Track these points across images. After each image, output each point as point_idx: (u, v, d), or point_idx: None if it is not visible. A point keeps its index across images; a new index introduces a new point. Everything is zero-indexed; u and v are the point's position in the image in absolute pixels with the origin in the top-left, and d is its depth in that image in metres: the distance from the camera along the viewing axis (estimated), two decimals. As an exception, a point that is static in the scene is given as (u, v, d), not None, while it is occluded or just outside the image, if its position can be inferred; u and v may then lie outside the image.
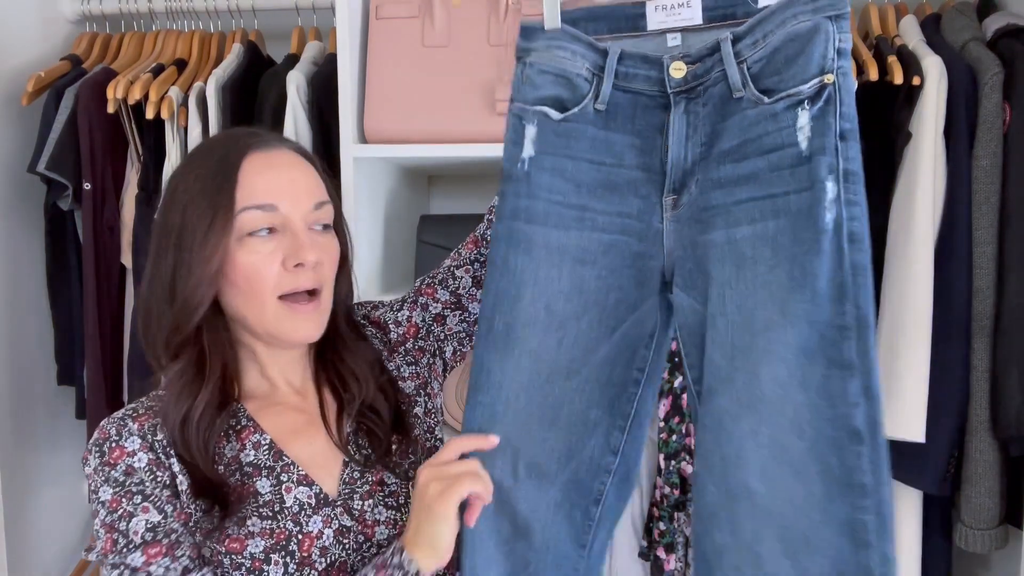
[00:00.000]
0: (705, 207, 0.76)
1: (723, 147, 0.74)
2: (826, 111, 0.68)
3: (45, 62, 1.69)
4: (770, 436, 0.67)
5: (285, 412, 0.91)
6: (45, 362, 1.75)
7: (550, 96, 0.79)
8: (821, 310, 0.66)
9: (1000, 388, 1.32)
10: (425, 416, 0.98)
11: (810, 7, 0.69)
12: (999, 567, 1.48)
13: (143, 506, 0.80)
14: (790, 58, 0.69)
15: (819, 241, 0.66)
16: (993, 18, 1.43)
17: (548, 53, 0.78)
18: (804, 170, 0.68)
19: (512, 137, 0.81)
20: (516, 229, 0.80)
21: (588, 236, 0.80)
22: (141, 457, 0.83)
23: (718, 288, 0.72)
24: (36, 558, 1.74)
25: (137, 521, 0.79)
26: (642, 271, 0.81)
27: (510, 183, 0.81)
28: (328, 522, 0.86)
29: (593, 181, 0.80)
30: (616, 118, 0.79)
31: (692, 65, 0.76)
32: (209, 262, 0.81)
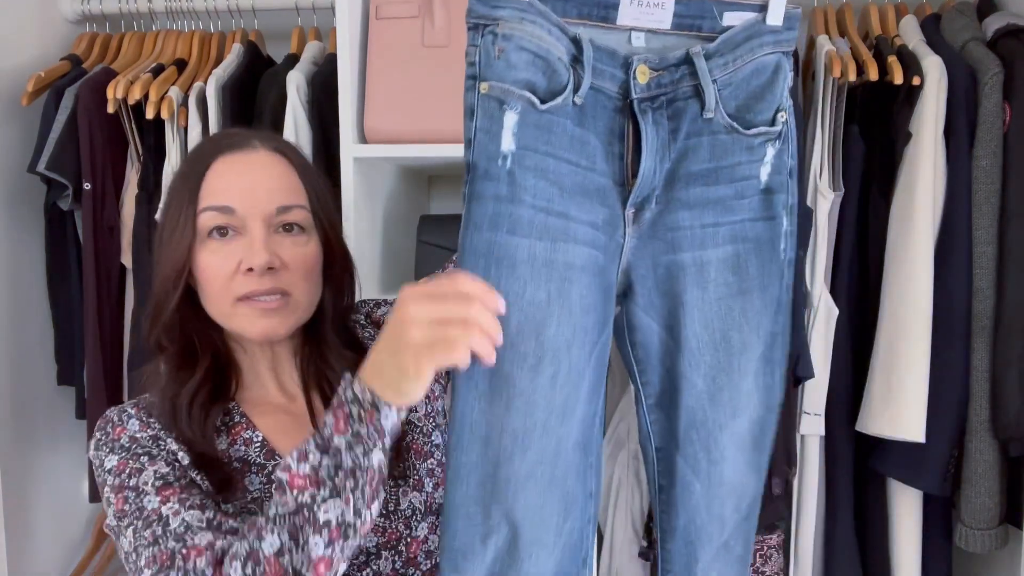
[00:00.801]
0: (671, 227, 0.73)
1: (692, 168, 0.73)
2: (783, 149, 0.74)
3: (45, 62, 1.69)
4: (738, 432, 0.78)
5: (275, 413, 0.92)
6: (45, 362, 1.75)
7: (528, 80, 0.67)
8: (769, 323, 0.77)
9: (1000, 388, 1.32)
10: (425, 419, 0.97)
11: (772, 39, 0.73)
12: (999, 567, 1.48)
13: (150, 462, 0.80)
14: (757, 91, 0.73)
15: (780, 270, 0.76)
16: (993, 18, 1.43)
17: (522, 26, 0.67)
18: (762, 200, 0.75)
19: (485, 125, 0.68)
20: (496, 242, 0.67)
21: (572, 249, 0.69)
22: (142, 434, 0.85)
23: (688, 311, 0.75)
24: (36, 558, 1.74)
25: (147, 474, 0.79)
26: (606, 289, 0.73)
27: (487, 183, 0.67)
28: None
29: (573, 185, 0.69)
30: (587, 115, 0.70)
31: (656, 72, 0.71)
32: (173, 260, 0.84)
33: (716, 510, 0.79)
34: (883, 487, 1.45)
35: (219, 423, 0.89)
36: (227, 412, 0.90)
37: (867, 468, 1.44)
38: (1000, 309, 1.33)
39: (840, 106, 1.40)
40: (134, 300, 1.63)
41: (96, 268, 1.62)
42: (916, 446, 1.33)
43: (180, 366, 0.87)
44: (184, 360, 0.87)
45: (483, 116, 0.69)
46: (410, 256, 1.60)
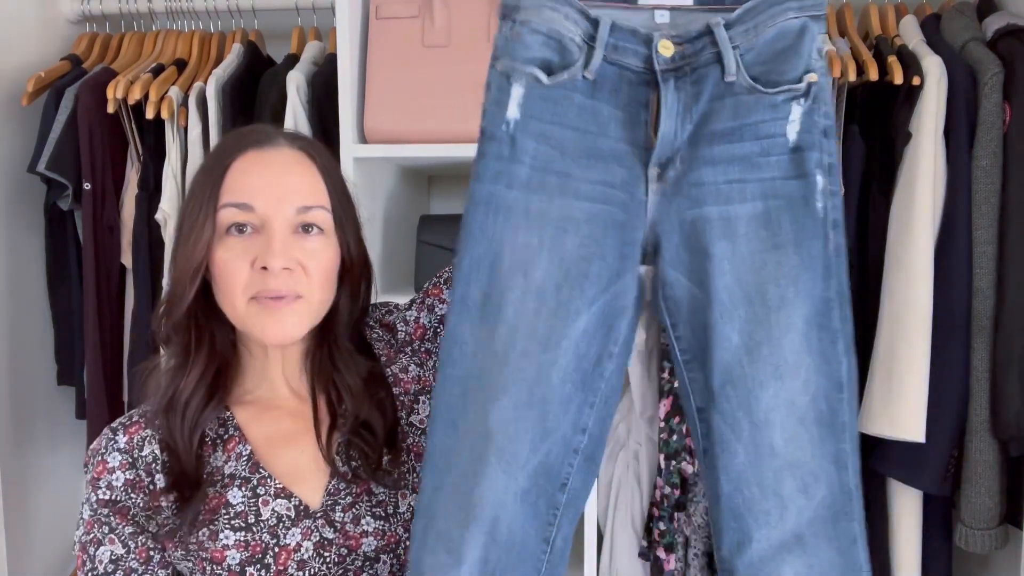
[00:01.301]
0: (695, 183, 0.77)
1: (715, 128, 0.77)
2: (813, 108, 0.76)
3: (45, 62, 1.69)
4: (787, 397, 0.77)
5: (281, 417, 0.91)
6: (45, 362, 1.75)
7: (540, 58, 0.76)
8: (818, 286, 0.77)
9: (1000, 388, 1.32)
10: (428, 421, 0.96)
11: (796, 5, 0.75)
12: (999, 567, 1.48)
13: (109, 537, 0.85)
14: (781, 53, 0.75)
15: (817, 228, 0.76)
16: (993, 18, 1.43)
17: (539, 12, 0.75)
18: (792, 159, 0.76)
19: (496, 97, 0.77)
20: (496, 193, 0.76)
21: (571, 203, 0.77)
22: (119, 476, 0.86)
23: (717, 264, 0.77)
24: (36, 558, 1.74)
25: (104, 551, 0.85)
26: (624, 242, 0.79)
27: (492, 144, 0.77)
28: (308, 534, 0.84)
29: (578, 149, 0.77)
30: (603, 89, 0.78)
31: (680, 45, 0.76)
32: (191, 256, 0.83)
33: (769, 484, 0.77)
34: (883, 487, 1.45)
35: (214, 435, 0.88)
36: (222, 423, 0.89)
37: (867, 468, 1.44)
38: (1000, 309, 1.33)
39: (840, 106, 1.40)
40: (134, 300, 1.63)
41: (96, 268, 1.62)
42: (916, 446, 1.33)
43: (183, 363, 0.87)
44: (188, 356, 0.87)
45: (495, 89, 0.78)
46: (410, 256, 1.61)
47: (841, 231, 0.77)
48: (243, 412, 0.90)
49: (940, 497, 1.42)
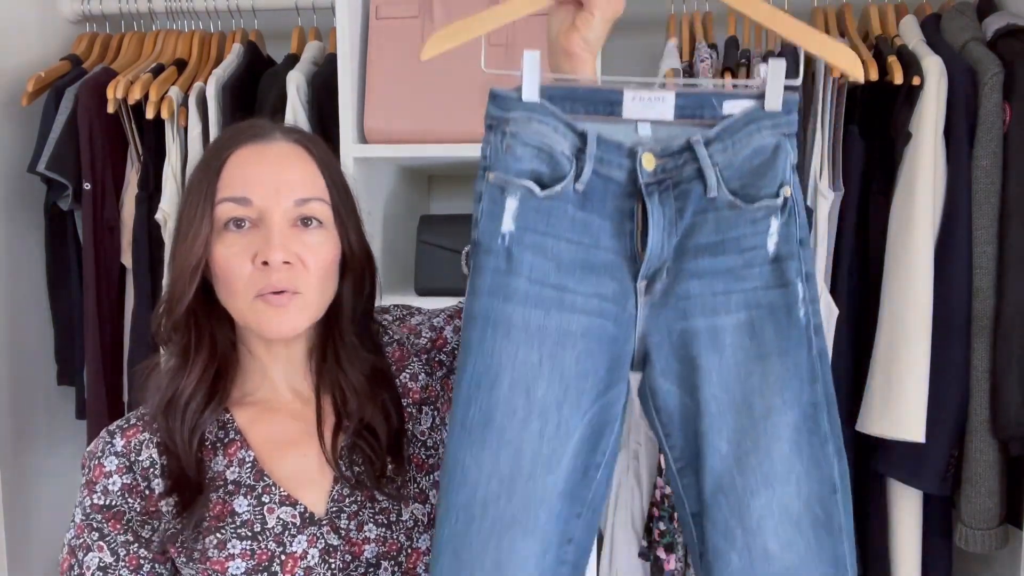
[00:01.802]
0: (682, 296, 0.80)
1: (699, 241, 0.79)
2: (790, 221, 0.79)
3: (45, 62, 1.69)
4: (779, 503, 0.79)
5: (284, 420, 0.89)
6: (45, 362, 1.75)
7: (532, 170, 0.77)
8: (804, 392, 0.78)
9: (1000, 388, 1.32)
10: (431, 432, 0.94)
11: (770, 123, 0.78)
12: (999, 567, 1.48)
13: (99, 544, 0.84)
14: (758, 169, 0.78)
15: (801, 336, 0.78)
16: (993, 18, 1.43)
17: (528, 125, 0.77)
18: (772, 269, 0.79)
19: (490, 209, 0.77)
20: (494, 308, 0.76)
21: (568, 317, 0.78)
22: (116, 480, 0.85)
23: (705, 376, 0.79)
24: (36, 557, 1.74)
25: (92, 557, 0.84)
26: (614, 355, 0.80)
27: (489, 257, 0.77)
28: (313, 542, 0.84)
29: (572, 261, 0.78)
30: (591, 199, 0.79)
31: (662, 159, 0.78)
32: (190, 253, 0.82)
33: None
34: (883, 487, 1.45)
35: (214, 438, 0.87)
36: (222, 426, 0.88)
37: (867, 468, 1.44)
38: (1000, 309, 1.33)
39: (840, 106, 1.40)
40: (134, 300, 1.63)
41: (96, 268, 1.62)
42: (916, 446, 1.33)
43: (182, 363, 0.86)
44: (187, 356, 0.86)
45: (488, 201, 0.78)
46: (410, 256, 1.61)
47: (823, 336, 0.79)
48: (243, 414, 0.89)
49: (940, 497, 1.42)
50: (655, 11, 1.67)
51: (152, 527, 0.84)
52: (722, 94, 0.80)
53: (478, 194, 0.79)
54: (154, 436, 0.87)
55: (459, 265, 1.51)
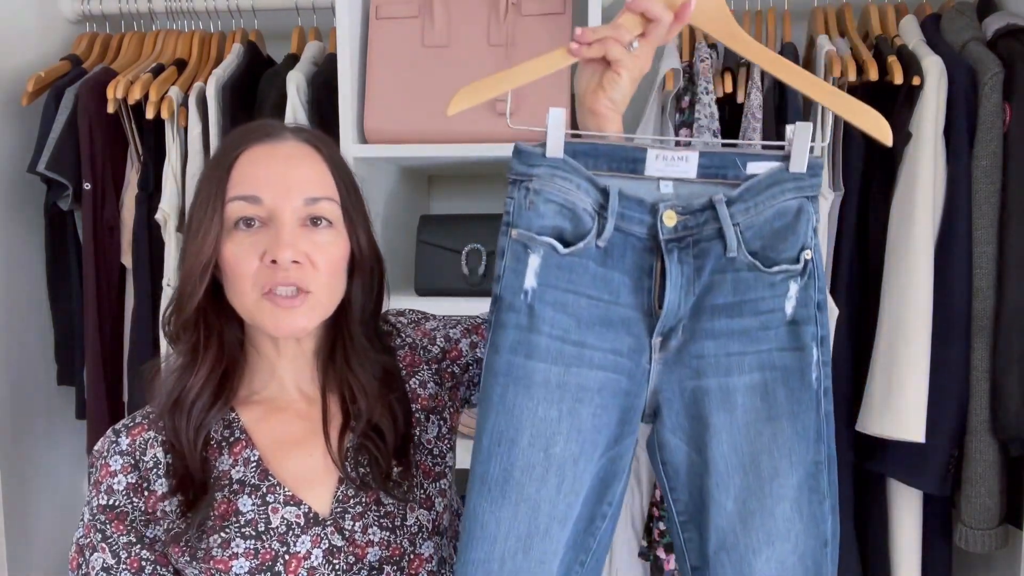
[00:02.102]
0: (697, 355, 0.80)
1: (717, 301, 0.79)
2: (809, 284, 0.79)
3: (45, 62, 1.70)
4: (778, 559, 0.80)
5: (290, 420, 0.89)
6: (45, 362, 1.75)
7: (554, 227, 0.78)
8: (810, 453, 0.79)
9: (1000, 388, 1.32)
10: (437, 440, 0.94)
11: (793, 185, 0.78)
12: (999, 567, 1.48)
13: (101, 546, 0.84)
14: (779, 232, 0.78)
15: (812, 399, 0.79)
16: (993, 18, 1.43)
17: (552, 181, 0.78)
18: (788, 331, 0.79)
19: (513, 266, 0.78)
20: (515, 364, 0.77)
21: (587, 373, 0.79)
22: (120, 480, 0.85)
23: (715, 434, 0.79)
24: (36, 558, 1.74)
25: (96, 557, 0.84)
26: (626, 409, 0.81)
27: (511, 313, 0.78)
28: (317, 542, 0.84)
29: (592, 317, 0.79)
30: (612, 255, 0.79)
31: (683, 216, 0.79)
32: (201, 252, 0.82)
33: None
34: (883, 487, 1.45)
35: (220, 437, 0.87)
36: (228, 425, 0.88)
37: (867, 468, 1.44)
38: (1000, 309, 1.33)
39: (840, 106, 1.40)
40: (134, 300, 1.63)
41: (96, 268, 1.62)
42: (916, 446, 1.33)
43: (191, 361, 0.86)
44: (196, 355, 0.86)
45: (511, 257, 0.79)
46: (410, 256, 1.61)
47: (831, 399, 0.80)
48: (249, 413, 0.89)
49: (940, 497, 1.42)
50: (655, 11, 1.66)
51: (158, 526, 0.84)
52: (746, 154, 0.80)
53: (501, 250, 0.79)
54: (159, 434, 0.87)
55: (459, 265, 1.52)
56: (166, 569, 0.85)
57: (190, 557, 0.83)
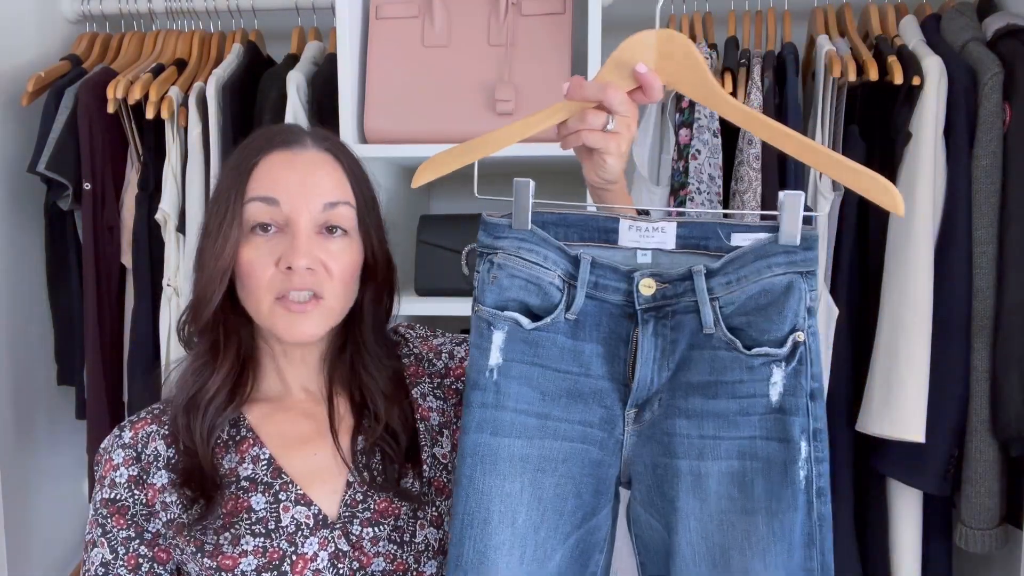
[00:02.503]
0: (669, 432, 0.76)
1: (691, 379, 0.75)
2: (799, 371, 0.72)
3: (45, 62, 1.69)
4: None
5: (296, 419, 0.90)
6: (45, 362, 1.75)
7: (519, 302, 0.76)
8: (794, 557, 0.73)
9: (1000, 388, 1.32)
10: (452, 454, 0.94)
11: (784, 260, 0.71)
12: (999, 567, 1.48)
13: (101, 540, 0.85)
14: (763, 310, 0.72)
15: (796, 498, 0.72)
16: (993, 18, 1.43)
17: (517, 256, 0.75)
18: (774, 420, 0.73)
19: (478, 342, 0.77)
20: (481, 443, 0.77)
21: (549, 444, 0.78)
22: (123, 473, 0.86)
23: (683, 519, 0.75)
24: (36, 558, 1.74)
25: (96, 552, 0.86)
26: (600, 479, 0.79)
27: (476, 392, 0.77)
28: (324, 544, 0.84)
29: (558, 390, 0.78)
30: (584, 326, 0.77)
31: (662, 285, 0.75)
32: (220, 256, 0.83)
33: None
34: (883, 487, 1.45)
35: (226, 436, 0.88)
36: (234, 424, 0.89)
37: (867, 468, 1.44)
38: (1000, 309, 1.33)
39: (840, 106, 1.40)
40: (134, 300, 1.63)
41: (96, 268, 1.62)
42: (916, 446, 1.33)
43: (209, 361, 0.87)
44: (216, 355, 0.87)
45: (475, 334, 0.78)
46: (410, 256, 1.60)
47: (827, 500, 0.73)
48: (255, 411, 0.90)
49: (940, 497, 1.41)
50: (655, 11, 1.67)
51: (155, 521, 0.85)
52: (731, 225, 0.74)
53: (471, 327, 0.79)
54: (162, 428, 0.88)
55: (459, 265, 1.52)
56: (164, 568, 0.86)
57: (195, 549, 0.83)
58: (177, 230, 1.58)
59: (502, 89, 1.41)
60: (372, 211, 0.90)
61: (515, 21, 1.45)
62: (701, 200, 1.40)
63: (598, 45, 1.37)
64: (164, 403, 0.91)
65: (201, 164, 1.56)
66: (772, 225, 0.72)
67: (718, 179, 1.41)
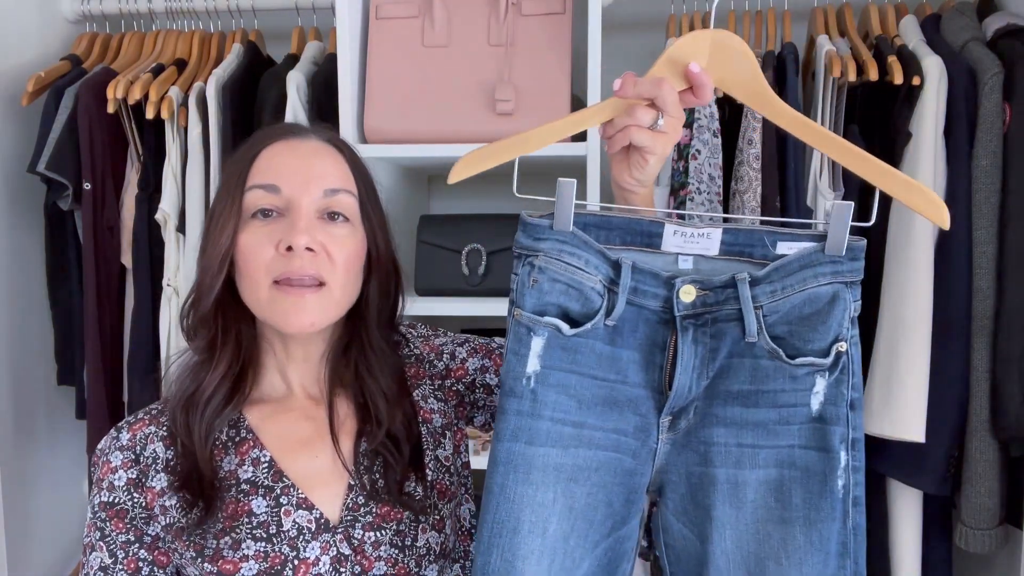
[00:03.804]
0: (706, 441, 0.75)
1: (731, 387, 0.74)
2: (840, 380, 0.72)
3: (45, 62, 1.70)
4: None
5: (296, 420, 0.89)
6: (45, 362, 1.75)
7: (559, 306, 0.74)
8: (830, 566, 0.73)
9: (1000, 388, 1.32)
10: (454, 456, 0.93)
11: (830, 270, 0.71)
12: (999, 567, 1.48)
13: (99, 544, 0.85)
14: (808, 320, 0.71)
15: (834, 508, 0.72)
16: (993, 18, 1.43)
17: (559, 259, 0.73)
18: (813, 429, 0.73)
19: (515, 348, 0.75)
20: (515, 452, 0.75)
21: (584, 454, 0.76)
22: (121, 475, 0.85)
23: (719, 528, 0.74)
24: (36, 558, 1.74)
25: (95, 556, 0.85)
26: (631, 489, 0.78)
27: (512, 399, 0.75)
28: (326, 549, 0.83)
29: (594, 397, 0.76)
30: (621, 332, 0.76)
31: (703, 292, 0.73)
32: (219, 243, 0.82)
33: None
34: (883, 487, 1.45)
35: (225, 437, 0.87)
36: (233, 425, 0.87)
37: (867, 468, 1.44)
38: (1000, 309, 1.33)
39: (840, 106, 1.40)
40: (134, 300, 1.63)
41: (96, 268, 1.62)
42: (916, 446, 1.33)
43: (207, 358, 0.86)
44: (213, 352, 0.86)
45: (513, 339, 0.75)
46: (410, 256, 1.60)
47: (862, 510, 0.73)
48: (255, 412, 0.89)
49: (940, 497, 1.42)
50: (655, 11, 1.67)
51: (154, 524, 0.84)
52: (777, 233, 0.73)
53: (508, 329, 0.76)
54: (160, 429, 0.87)
55: (459, 265, 1.52)
56: (164, 571, 0.85)
57: (195, 553, 0.82)
58: (177, 230, 1.58)
59: (502, 89, 1.41)
60: (375, 204, 0.89)
61: (515, 21, 1.45)
62: (701, 200, 1.40)
63: (598, 45, 1.37)
64: (162, 403, 0.89)
65: (201, 164, 1.56)
66: (819, 234, 0.72)
67: (718, 179, 1.41)
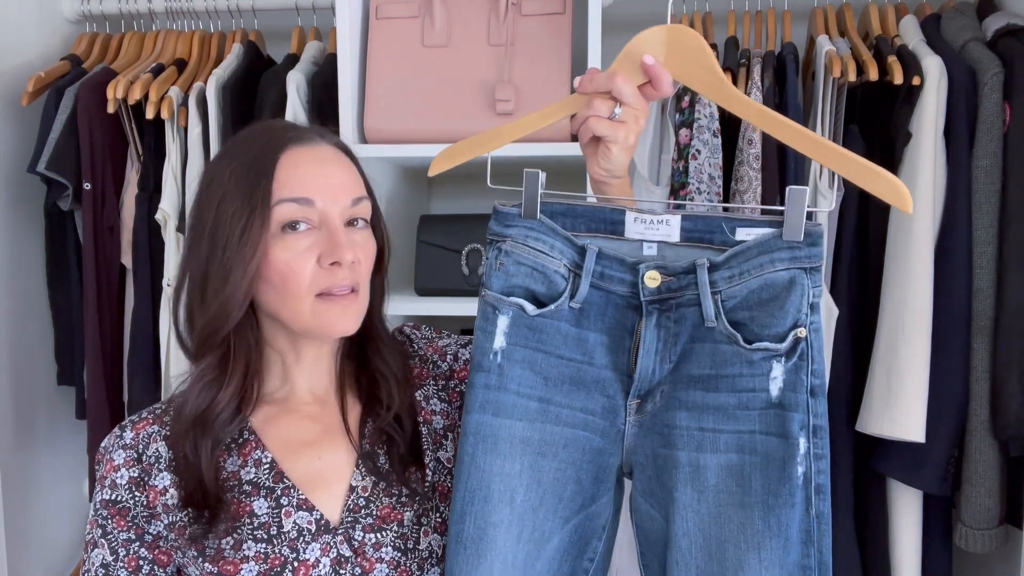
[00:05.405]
0: (669, 424, 0.77)
1: (692, 372, 0.76)
2: (799, 366, 0.73)
3: (45, 62, 1.70)
4: None
5: (299, 421, 0.89)
6: (45, 362, 1.75)
7: (524, 288, 0.78)
8: (791, 553, 0.73)
9: (1000, 388, 1.32)
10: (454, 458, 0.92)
11: (788, 255, 0.72)
12: (999, 567, 1.48)
13: (101, 542, 0.85)
14: (764, 305, 0.73)
15: (793, 494, 0.73)
16: (993, 18, 1.43)
17: (524, 244, 0.78)
18: (774, 415, 0.74)
19: (483, 326, 0.80)
20: (483, 423, 0.79)
21: (551, 429, 0.80)
22: (123, 474, 0.85)
23: (680, 510, 0.76)
24: (36, 558, 1.74)
25: (96, 554, 0.85)
26: (601, 467, 0.81)
27: (480, 373, 0.80)
28: (326, 550, 0.83)
29: (561, 376, 0.79)
30: (589, 315, 0.79)
31: (667, 277, 0.76)
32: (247, 262, 0.79)
33: None
34: (883, 487, 1.45)
35: (228, 439, 0.87)
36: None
37: (867, 468, 1.44)
38: (1000, 309, 1.33)
39: (840, 106, 1.40)
40: (134, 300, 1.63)
41: (96, 268, 1.62)
42: (916, 446, 1.33)
43: (215, 378, 0.84)
44: (224, 368, 0.84)
45: (481, 318, 0.80)
46: (410, 256, 1.60)
47: (826, 498, 0.73)
48: (258, 414, 0.89)
49: (940, 497, 1.42)
50: (655, 11, 1.67)
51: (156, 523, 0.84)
52: (735, 219, 0.75)
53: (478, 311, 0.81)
54: (163, 429, 0.87)
55: (459, 265, 1.52)
56: (164, 570, 0.85)
57: (197, 553, 0.82)
58: (177, 230, 1.58)
59: (502, 89, 1.41)
60: (375, 201, 0.92)
61: (515, 21, 1.45)
62: (701, 200, 1.40)
63: (598, 45, 1.37)
64: (166, 403, 0.89)
65: (201, 164, 1.56)
66: (777, 220, 0.73)
67: (718, 179, 1.41)
